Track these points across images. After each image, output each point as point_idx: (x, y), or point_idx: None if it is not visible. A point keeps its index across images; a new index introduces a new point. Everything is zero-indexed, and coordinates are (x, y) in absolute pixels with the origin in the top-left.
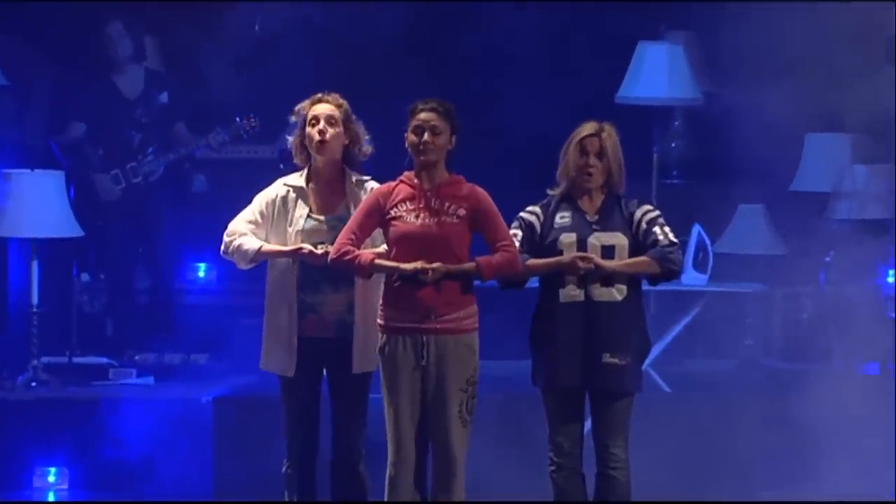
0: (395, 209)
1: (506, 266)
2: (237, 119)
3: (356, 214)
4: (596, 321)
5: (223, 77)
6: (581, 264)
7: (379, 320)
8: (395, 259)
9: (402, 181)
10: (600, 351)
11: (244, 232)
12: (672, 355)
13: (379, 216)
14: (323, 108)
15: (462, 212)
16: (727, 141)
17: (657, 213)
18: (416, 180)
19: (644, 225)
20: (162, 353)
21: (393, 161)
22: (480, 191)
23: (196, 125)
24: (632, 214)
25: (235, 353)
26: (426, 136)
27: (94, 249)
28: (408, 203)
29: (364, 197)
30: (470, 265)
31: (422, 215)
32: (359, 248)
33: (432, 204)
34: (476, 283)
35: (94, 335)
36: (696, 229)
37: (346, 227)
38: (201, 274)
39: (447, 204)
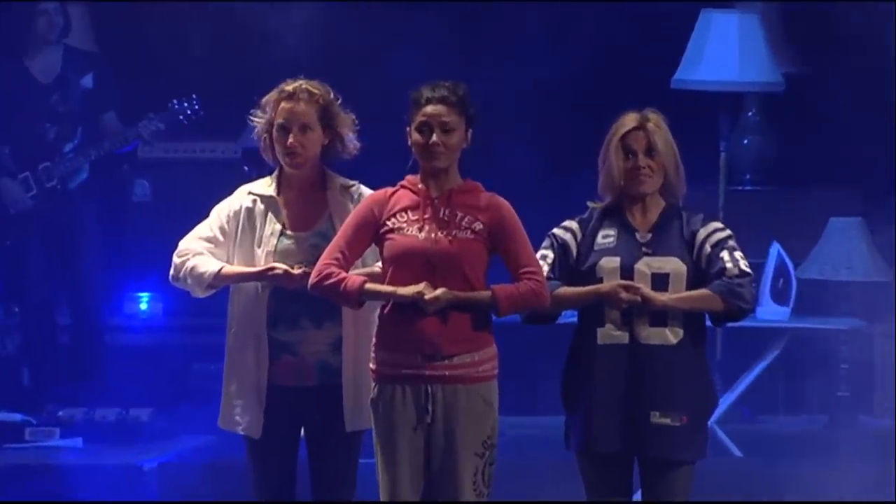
0: (393, 220)
1: (530, 299)
2: (173, 102)
3: (343, 229)
4: (643, 370)
5: (171, 55)
6: (625, 295)
7: (371, 364)
8: (391, 282)
9: (402, 186)
10: (648, 408)
11: (199, 251)
12: (745, 411)
13: (373, 230)
14: (294, 112)
15: (479, 226)
16: (815, 136)
17: (727, 233)
18: (420, 186)
19: (708, 248)
20: (93, 407)
21: (390, 161)
22: (502, 202)
23: (132, 115)
24: (694, 234)
25: (187, 408)
26: (435, 136)
27: (7, 275)
28: (409, 213)
29: (352, 207)
30: (483, 293)
31: (427, 227)
32: (347, 271)
33: (441, 214)
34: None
35: (6, 385)
36: (776, 249)
37: (330, 244)
38: (143, 306)
39: (460, 215)
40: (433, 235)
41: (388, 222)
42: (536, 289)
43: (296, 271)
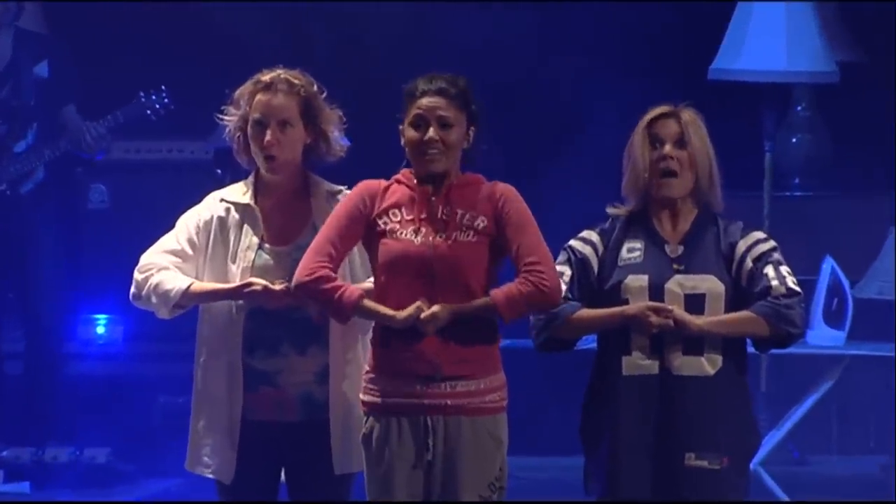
0: (385, 219)
1: (534, 296)
2: (140, 95)
3: (333, 219)
4: (676, 405)
5: (138, 41)
6: (654, 319)
7: (361, 395)
8: (384, 292)
9: (397, 180)
10: (682, 449)
11: (165, 266)
12: (793, 450)
13: (363, 223)
14: (272, 105)
15: (481, 223)
16: (874, 134)
17: (770, 244)
18: (416, 181)
19: (750, 263)
20: (41, 447)
21: (383, 165)
22: (505, 187)
23: (94, 109)
24: (733, 246)
25: (150, 447)
26: (431, 131)
27: None
28: (403, 211)
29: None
30: (480, 301)
31: (424, 230)
32: (338, 268)
33: (439, 213)
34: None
35: None
36: (829, 265)
37: (317, 237)
38: (101, 330)
39: (460, 213)
40: (430, 239)
41: (380, 221)
42: (540, 283)
43: (277, 287)
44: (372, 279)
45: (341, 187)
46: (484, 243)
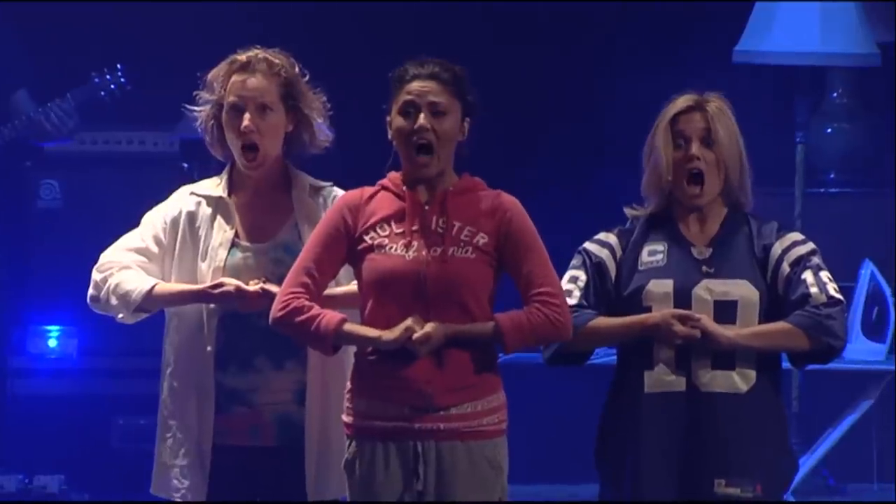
0: (371, 233)
1: (545, 329)
2: (93, 75)
3: (310, 244)
4: (705, 426)
5: (93, 17)
6: (679, 329)
7: (346, 417)
8: (371, 314)
9: (383, 187)
10: (711, 475)
11: (127, 264)
12: (829, 477)
13: (346, 243)
14: (250, 86)
15: (482, 239)
16: None
17: (809, 247)
18: (405, 188)
19: (787, 268)
20: None
21: (370, 163)
22: (511, 202)
23: (48, 93)
24: (767, 249)
25: (108, 474)
26: (422, 118)
27: None
28: (392, 224)
29: (324, 214)
30: (484, 325)
31: (415, 244)
32: (319, 298)
33: (434, 225)
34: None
35: None
36: (868, 270)
37: (294, 266)
38: (53, 344)
39: (458, 226)
40: (423, 254)
41: (366, 237)
42: (553, 316)
43: (251, 288)
44: (355, 283)
45: (326, 183)
46: (484, 261)
